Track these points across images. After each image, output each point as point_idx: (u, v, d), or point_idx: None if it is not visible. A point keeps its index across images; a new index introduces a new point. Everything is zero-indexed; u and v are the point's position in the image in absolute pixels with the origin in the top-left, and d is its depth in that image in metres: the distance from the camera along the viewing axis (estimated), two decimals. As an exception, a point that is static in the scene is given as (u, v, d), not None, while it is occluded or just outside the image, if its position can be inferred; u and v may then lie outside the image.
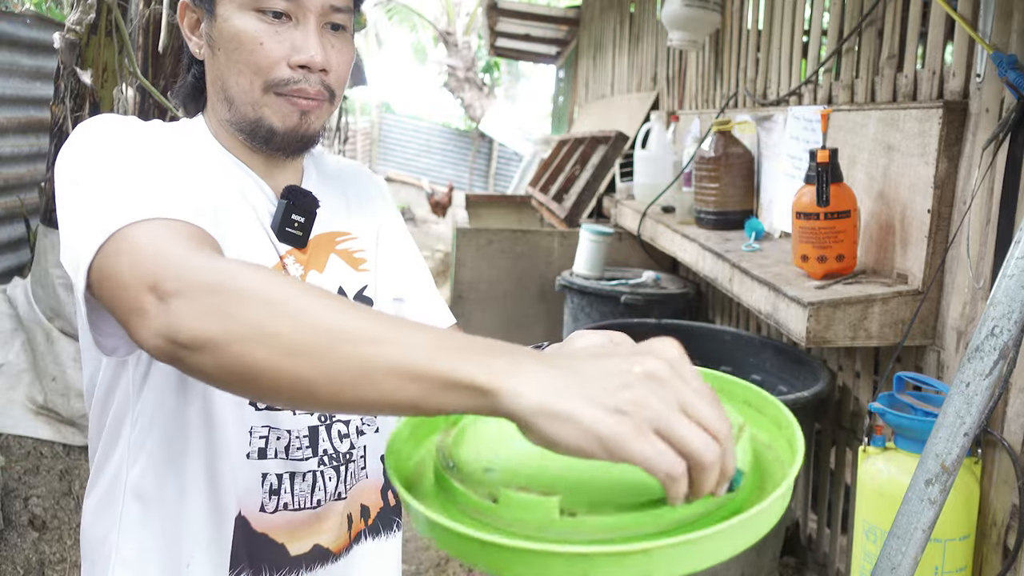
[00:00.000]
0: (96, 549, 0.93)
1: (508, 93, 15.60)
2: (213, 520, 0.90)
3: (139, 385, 0.90)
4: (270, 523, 0.93)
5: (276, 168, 0.98)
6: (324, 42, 0.91)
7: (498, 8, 6.87)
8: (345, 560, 0.99)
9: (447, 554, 3.00)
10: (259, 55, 0.89)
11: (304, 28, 0.90)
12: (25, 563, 2.45)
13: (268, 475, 0.92)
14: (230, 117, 0.94)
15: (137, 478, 0.90)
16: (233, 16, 0.89)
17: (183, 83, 1.00)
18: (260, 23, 0.89)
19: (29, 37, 3.71)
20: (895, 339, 1.66)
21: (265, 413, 0.93)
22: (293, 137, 0.93)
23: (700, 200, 2.54)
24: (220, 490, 0.90)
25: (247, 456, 0.91)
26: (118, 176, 0.78)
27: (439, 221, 11.29)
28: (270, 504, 0.93)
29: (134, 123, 0.88)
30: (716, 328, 2.60)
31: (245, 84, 0.90)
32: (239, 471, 0.91)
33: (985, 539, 1.52)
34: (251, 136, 0.94)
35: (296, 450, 0.94)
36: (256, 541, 0.92)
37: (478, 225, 4.15)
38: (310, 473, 0.95)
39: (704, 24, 2.99)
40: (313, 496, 0.95)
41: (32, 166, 3.85)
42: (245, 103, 0.91)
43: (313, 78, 0.91)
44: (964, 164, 1.61)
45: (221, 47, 0.91)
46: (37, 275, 3.03)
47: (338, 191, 1.06)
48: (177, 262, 0.67)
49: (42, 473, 2.71)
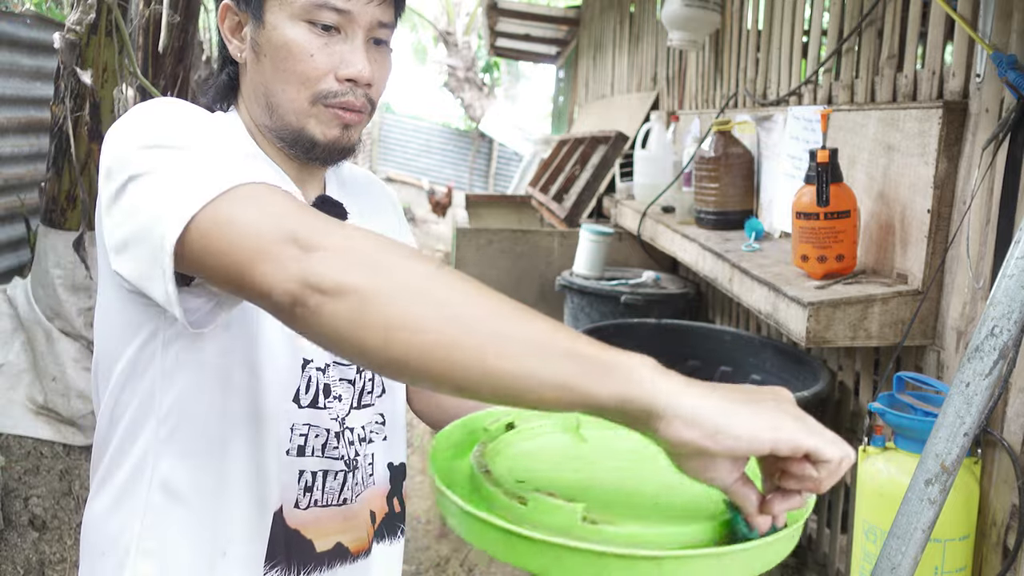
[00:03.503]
0: (109, 542, 0.92)
1: (508, 93, 15.59)
2: (254, 514, 0.91)
3: (167, 381, 0.89)
4: (303, 519, 0.94)
5: (307, 175, 0.99)
6: (369, 56, 0.92)
7: (498, 8, 6.88)
8: (362, 563, 1.00)
9: (450, 554, 2.96)
10: (308, 66, 0.90)
11: (352, 42, 0.91)
12: (25, 563, 2.45)
13: (304, 472, 0.94)
14: (270, 124, 0.94)
15: (167, 472, 0.90)
16: (283, 25, 0.90)
17: (216, 82, 0.99)
18: (311, 35, 0.90)
19: (29, 37, 3.71)
20: (895, 339, 1.66)
21: (308, 411, 0.94)
22: (334, 148, 0.94)
23: (700, 200, 2.54)
24: (264, 484, 0.91)
25: (287, 452, 0.93)
26: (208, 147, 0.76)
27: (439, 221, 11.29)
28: (304, 500, 0.94)
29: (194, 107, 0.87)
30: (716, 328, 2.60)
31: (292, 94, 0.91)
32: (280, 467, 0.92)
33: (985, 539, 1.52)
34: (291, 145, 0.94)
35: (332, 448, 0.96)
36: (288, 536, 0.93)
37: (478, 225, 4.15)
38: (341, 472, 0.97)
39: (704, 24, 2.99)
40: (341, 494, 0.97)
41: (32, 166, 3.85)
42: (289, 112, 0.92)
43: (359, 91, 0.92)
44: (964, 164, 1.61)
45: (268, 54, 0.91)
46: (37, 275, 3.03)
47: (356, 202, 1.07)
48: (317, 219, 0.68)
49: (42, 473, 2.71)
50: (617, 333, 2.54)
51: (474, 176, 14.90)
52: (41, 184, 3.16)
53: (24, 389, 2.88)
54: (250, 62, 0.94)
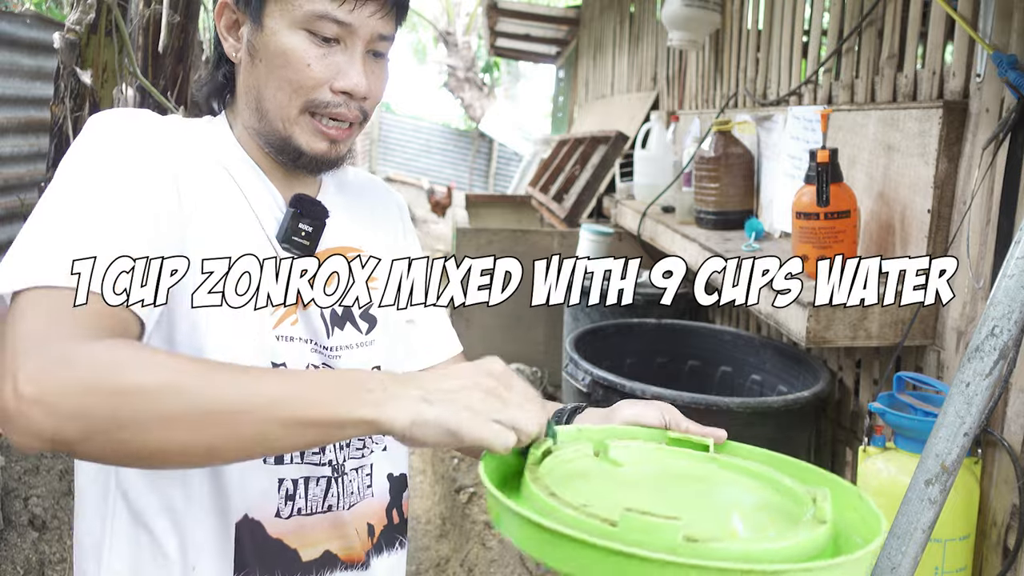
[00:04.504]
0: (88, 558, 0.93)
1: (508, 93, 15.59)
2: (217, 525, 0.89)
3: None
4: (285, 528, 0.92)
5: (295, 179, 0.98)
6: (367, 69, 0.91)
7: (498, 8, 6.88)
8: (359, 575, 0.98)
9: (450, 554, 2.95)
10: (304, 75, 0.89)
11: (351, 54, 0.90)
12: (25, 563, 2.45)
13: (284, 480, 0.92)
14: (259, 127, 0.93)
15: (127, 484, 0.89)
16: (282, 32, 0.89)
17: (211, 80, 0.98)
18: (310, 44, 0.89)
19: (29, 37, 3.71)
20: (895, 339, 1.66)
21: None
22: (322, 161, 0.94)
23: (700, 200, 2.54)
24: (224, 494, 0.89)
25: (263, 461, 0.90)
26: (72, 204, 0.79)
27: (439, 221, 11.29)
28: (285, 509, 0.92)
29: (142, 126, 0.86)
30: (716, 328, 2.60)
31: (283, 100, 0.90)
32: (251, 476, 0.90)
33: (985, 539, 1.52)
34: (279, 151, 0.94)
35: (312, 454, 0.94)
36: (270, 546, 0.92)
37: (478, 225, 4.15)
38: (324, 479, 0.94)
39: (704, 24, 2.99)
40: (325, 501, 0.95)
41: (32, 166, 3.85)
42: (277, 118, 0.91)
43: (352, 104, 0.92)
44: (964, 164, 1.61)
45: (263, 59, 0.90)
46: (37, 275, 3.03)
47: (355, 205, 1.05)
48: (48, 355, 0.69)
49: (42, 473, 2.71)
50: (617, 333, 2.54)
51: (474, 176, 14.90)
52: (41, 184, 3.16)
53: (24, 389, 2.88)
54: (244, 63, 0.93)
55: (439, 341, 1.13)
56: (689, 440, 0.87)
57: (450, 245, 5.21)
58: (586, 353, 2.23)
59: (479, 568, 2.56)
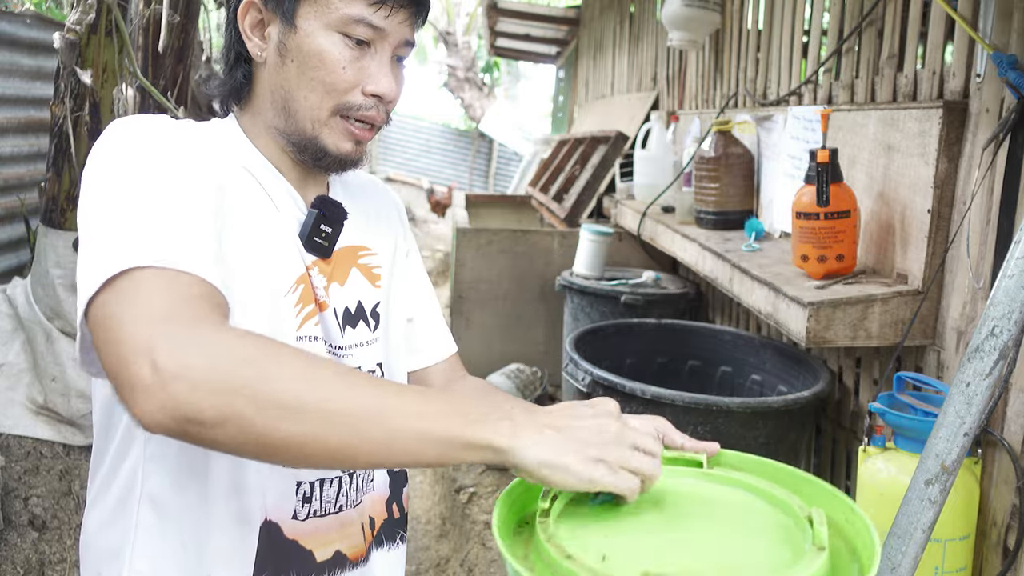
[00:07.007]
0: (105, 561, 0.93)
1: (508, 93, 15.59)
2: (237, 529, 0.90)
3: None
4: (301, 530, 0.93)
5: (310, 179, 1.00)
6: (393, 73, 0.94)
7: (498, 8, 6.88)
8: (360, 570, 1.00)
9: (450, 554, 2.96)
10: (338, 78, 0.90)
11: (380, 58, 0.92)
12: (25, 563, 2.45)
13: (302, 483, 0.93)
14: (284, 127, 0.94)
15: (154, 488, 0.90)
16: (317, 33, 0.90)
17: (230, 80, 0.97)
18: (344, 47, 0.90)
19: (29, 37, 3.71)
20: (895, 339, 1.66)
21: None
22: (345, 161, 0.96)
23: (700, 200, 2.54)
24: (245, 499, 0.90)
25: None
26: (140, 201, 0.78)
27: (439, 221, 11.29)
28: (302, 511, 0.94)
29: (165, 129, 0.86)
30: (716, 328, 2.60)
31: (315, 101, 0.91)
32: (270, 479, 0.91)
33: (985, 539, 1.52)
34: (301, 151, 0.94)
35: None
36: (286, 548, 0.93)
37: (478, 225, 4.15)
38: (337, 479, 0.96)
39: (704, 24, 2.99)
40: (337, 502, 0.96)
41: (32, 166, 3.85)
42: (307, 119, 0.92)
43: (381, 107, 0.94)
44: (964, 164, 1.61)
45: (296, 59, 0.91)
46: (37, 275, 3.03)
47: (359, 205, 1.06)
48: (182, 326, 0.69)
49: (42, 473, 2.71)
50: (617, 333, 2.54)
51: (474, 176, 14.90)
52: (41, 184, 3.16)
53: (24, 389, 2.88)
54: (271, 63, 0.93)
55: (438, 339, 1.15)
56: (683, 458, 0.89)
57: (450, 245, 5.21)
58: (586, 353, 2.23)
59: (479, 568, 2.56)
